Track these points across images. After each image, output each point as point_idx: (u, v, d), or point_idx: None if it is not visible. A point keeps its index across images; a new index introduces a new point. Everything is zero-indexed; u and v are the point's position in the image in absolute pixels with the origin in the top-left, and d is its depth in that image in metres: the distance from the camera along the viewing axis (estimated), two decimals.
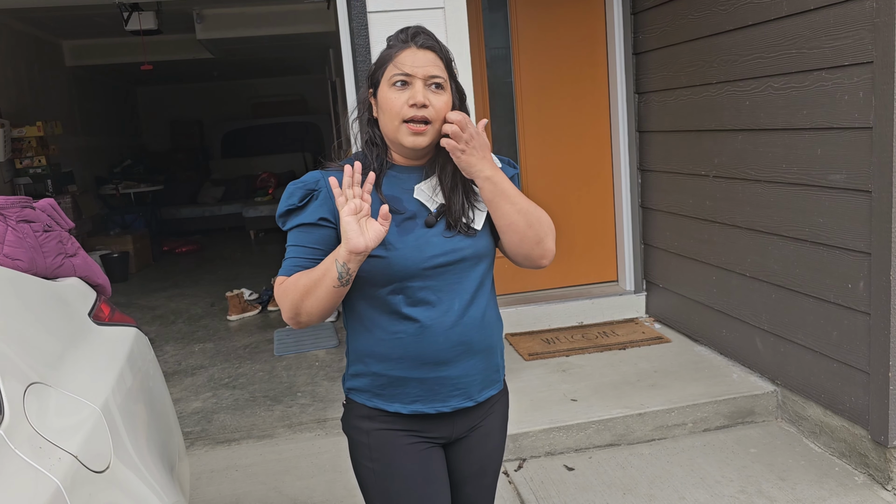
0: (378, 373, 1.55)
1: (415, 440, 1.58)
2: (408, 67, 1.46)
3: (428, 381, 1.53)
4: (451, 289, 1.52)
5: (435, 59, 1.49)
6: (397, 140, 1.50)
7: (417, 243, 1.49)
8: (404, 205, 1.52)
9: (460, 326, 1.52)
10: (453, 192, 1.54)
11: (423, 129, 1.46)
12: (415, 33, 1.50)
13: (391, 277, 1.49)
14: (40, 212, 2.01)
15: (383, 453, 1.57)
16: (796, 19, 2.95)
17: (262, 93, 12.85)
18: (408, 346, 1.52)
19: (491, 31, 4.40)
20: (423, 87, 1.46)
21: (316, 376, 4.13)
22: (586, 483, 2.91)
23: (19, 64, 7.23)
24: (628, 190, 4.46)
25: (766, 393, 3.33)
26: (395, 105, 1.46)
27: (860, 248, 2.75)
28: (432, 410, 1.55)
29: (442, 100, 1.48)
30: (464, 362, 1.54)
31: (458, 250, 1.51)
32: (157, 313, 5.94)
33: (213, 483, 3.12)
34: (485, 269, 1.58)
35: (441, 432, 1.61)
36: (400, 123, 1.47)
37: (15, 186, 6.63)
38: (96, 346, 1.81)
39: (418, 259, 1.48)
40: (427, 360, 1.52)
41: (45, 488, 1.21)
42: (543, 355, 3.96)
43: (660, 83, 4.06)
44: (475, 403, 1.60)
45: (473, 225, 1.54)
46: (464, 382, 1.56)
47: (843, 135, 2.78)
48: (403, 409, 1.55)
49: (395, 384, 1.54)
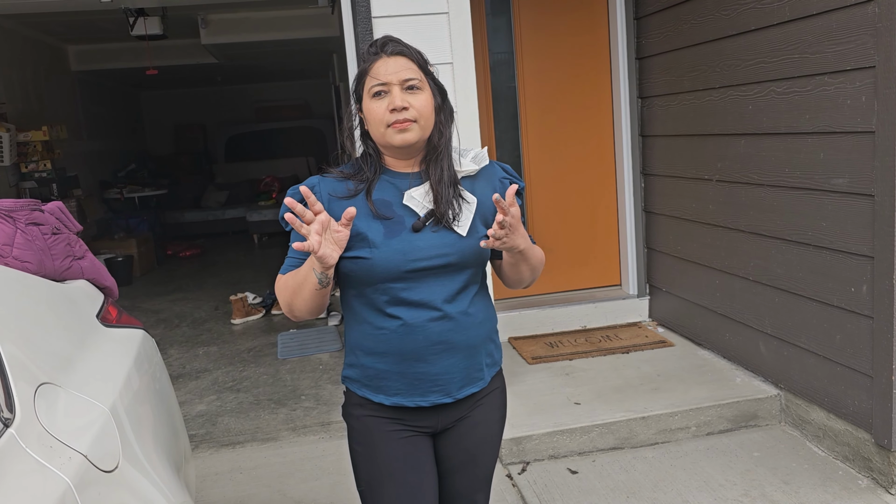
0: (366, 365, 1.62)
1: (399, 427, 1.64)
2: (382, 76, 1.53)
3: (408, 376, 1.60)
4: (433, 290, 1.56)
5: (406, 62, 1.55)
6: (387, 143, 1.56)
7: (402, 246, 1.54)
8: (394, 209, 1.57)
9: (440, 326, 1.57)
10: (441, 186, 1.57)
11: (407, 125, 1.52)
12: (383, 43, 1.57)
13: (374, 278, 1.55)
14: (49, 215, 2.03)
15: (369, 437, 1.65)
16: (799, 24, 2.97)
17: (266, 97, 12.89)
18: (391, 342, 1.58)
19: (494, 35, 4.42)
20: (400, 92, 1.52)
21: (320, 380, 4.14)
22: (590, 486, 2.92)
23: (25, 68, 7.27)
24: (631, 194, 4.48)
25: (770, 397, 3.33)
26: (378, 113, 1.53)
27: (863, 251, 2.76)
28: (411, 404, 1.62)
29: (420, 99, 1.54)
30: (443, 360, 1.59)
31: (444, 255, 1.55)
32: (160, 317, 5.95)
33: (218, 485, 3.13)
34: (471, 273, 1.62)
35: (425, 423, 1.66)
36: (385, 129, 1.53)
37: (20, 190, 6.66)
38: (104, 347, 1.82)
39: (401, 262, 1.53)
40: (408, 357, 1.58)
41: (56, 487, 1.22)
42: (547, 359, 3.97)
43: (663, 88, 4.07)
44: (454, 400, 1.64)
45: (459, 229, 1.57)
46: (443, 380, 1.61)
47: (845, 139, 2.79)
48: (386, 400, 1.62)
49: (380, 377, 1.61)
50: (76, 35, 7.94)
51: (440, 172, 1.58)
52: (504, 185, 1.68)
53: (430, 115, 1.56)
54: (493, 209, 1.63)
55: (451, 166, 1.60)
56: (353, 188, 1.58)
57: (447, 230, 1.56)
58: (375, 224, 1.54)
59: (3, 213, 1.89)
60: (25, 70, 7.28)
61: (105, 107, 10.10)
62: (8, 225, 1.87)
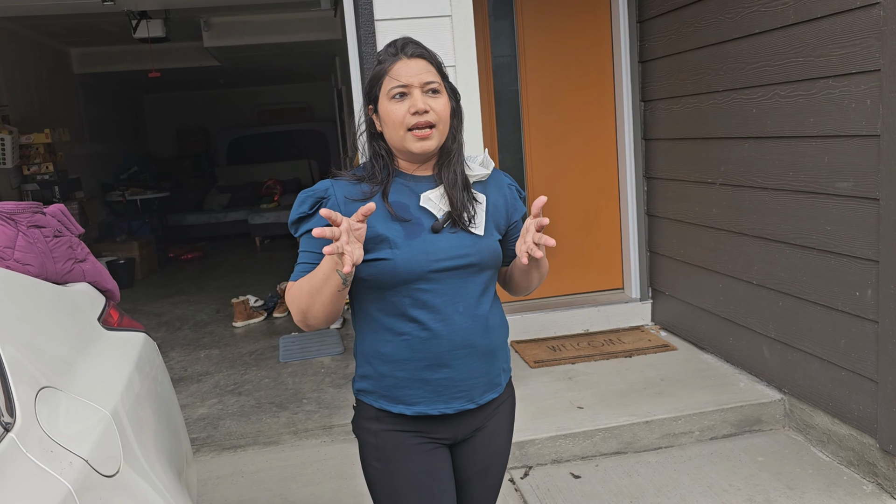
0: (384, 374, 1.58)
1: (420, 440, 1.61)
2: (403, 78, 1.51)
3: (431, 383, 1.56)
4: (456, 292, 1.55)
5: (427, 65, 1.54)
6: (405, 148, 1.54)
7: (423, 247, 1.53)
8: (411, 211, 1.56)
9: (464, 330, 1.56)
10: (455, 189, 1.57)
11: (429, 134, 1.51)
12: (403, 44, 1.55)
13: (396, 280, 1.52)
14: (50, 217, 2.02)
15: (390, 453, 1.60)
16: (803, 27, 2.96)
17: (268, 100, 12.89)
18: (414, 348, 1.55)
19: (497, 39, 4.42)
20: (421, 95, 1.51)
21: (321, 383, 4.13)
22: (592, 491, 2.90)
23: (28, 71, 7.28)
24: (634, 198, 4.47)
25: (774, 401, 3.32)
26: (398, 116, 1.51)
27: (868, 255, 2.75)
28: (435, 412, 1.58)
29: (440, 102, 1.54)
30: (467, 365, 1.57)
31: (464, 256, 1.55)
32: (162, 320, 5.95)
33: (219, 489, 3.12)
34: (489, 275, 1.62)
35: (446, 433, 1.64)
36: (405, 132, 1.52)
37: (22, 193, 6.66)
38: (106, 350, 1.81)
39: (424, 262, 1.52)
40: (431, 362, 1.55)
41: (57, 492, 1.21)
42: (549, 363, 3.96)
43: (666, 91, 4.06)
44: (477, 406, 1.62)
45: (475, 230, 1.57)
46: (467, 385, 1.59)
47: (850, 142, 2.78)
48: (407, 410, 1.58)
49: (400, 385, 1.57)
50: (79, 38, 7.95)
51: (453, 176, 1.58)
52: (512, 192, 1.69)
53: (448, 119, 1.56)
54: (505, 214, 1.65)
55: (462, 170, 1.60)
56: (369, 191, 1.56)
57: (464, 232, 1.57)
58: (394, 226, 1.53)
59: (5, 216, 1.88)
60: (28, 72, 7.29)
61: (107, 109, 10.10)
62: (9, 227, 1.86)
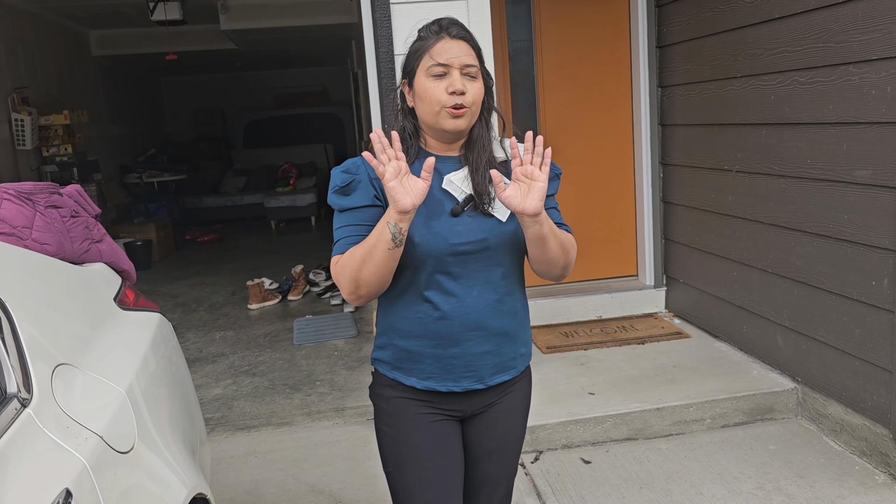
0: (399, 347, 1.62)
1: (429, 410, 1.64)
2: (444, 58, 1.52)
3: (442, 360, 1.59)
4: (471, 275, 1.56)
5: (468, 48, 1.55)
6: (438, 126, 1.55)
7: (442, 230, 1.54)
8: (433, 192, 1.56)
9: (477, 311, 1.57)
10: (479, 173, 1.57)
11: (462, 112, 1.52)
12: (448, 24, 1.56)
13: (415, 260, 1.54)
14: (67, 198, 2.05)
15: (398, 420, 1.65)
16: (823, 13, 2.91)
17: (285, 84, 12.91)
18: (427, 326, 1.58)
19: (513, 23, 4.39)
20: (459, 76, 1.52)
21: (335, 366, 4.16)
22: (603, 477, 2.92)
23: (47, 53, 7.33)
24: (650, 184, 4.44)
25: (787, 390, 3.30)
26: (435, 94, 1.52)
27: (885, 245, 2.72)
28: (443, 388, 1.62)
29: (476, 86, 1.54)
30: (478, 346, 1.59)
31: (483, 240, 1.55)
32: (178, 301, 6.01)
33: (233, 468, 3.17)
34: (511, 260, 1.61)
35: (455, 407, 1.66)
36: (441, 109, 1.52)
37: (41, 174, 6.73)
38: (121, 330, 1.84)
39: (442, 245, 1.53)
40: (442, 340, 1.58)
41: (72, 467, 1.24)
42: (562, 349, 3.96)
43: (683, 77, 4.02)
44: (485, 387, 1.64)
45: (498, 214, 1.56)
46: (476, 365, 1.61)
47: (869, 130, 2.74)
48: (418, 384, 1.62)
49: (413, 359, 1.61)
50: (97, 20, 7.99)
51: (479, 159, 1.58)
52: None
53: (480, 103, 1.57)
54: None
55: (491, 154, 1.60)
56: None
57: (484, 216, 1.56)
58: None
59: (23, 196, 1.91)
60: (47, 54, 7.34)
61: (126, 92, 10.16)
62: (27, 207, 1.89)
